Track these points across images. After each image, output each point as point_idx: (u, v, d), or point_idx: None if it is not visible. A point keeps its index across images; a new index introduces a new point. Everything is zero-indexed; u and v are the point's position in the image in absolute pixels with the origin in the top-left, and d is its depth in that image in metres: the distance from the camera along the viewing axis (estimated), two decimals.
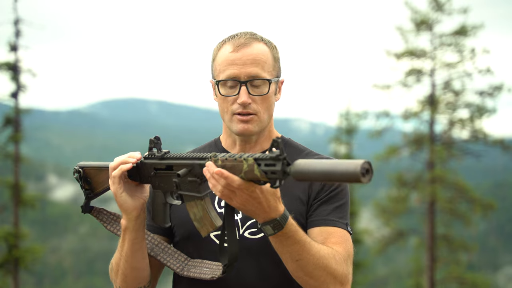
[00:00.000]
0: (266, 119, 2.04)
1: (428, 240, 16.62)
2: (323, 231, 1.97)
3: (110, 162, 2.00)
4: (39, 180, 70.67)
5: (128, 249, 1.97)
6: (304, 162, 1.59)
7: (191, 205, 1.87)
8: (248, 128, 2.02)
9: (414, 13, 17.29)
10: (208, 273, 1.97)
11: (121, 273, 2.02)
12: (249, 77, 1.98)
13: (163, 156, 1.92)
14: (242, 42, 2.01)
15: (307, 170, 1.57)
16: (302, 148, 2.16)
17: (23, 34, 15.42)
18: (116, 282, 2.05)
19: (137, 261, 1.99)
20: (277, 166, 1.62)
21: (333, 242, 1.96)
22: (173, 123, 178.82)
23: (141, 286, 2.05)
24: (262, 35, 2.10)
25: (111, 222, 2.12)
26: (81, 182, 2.10)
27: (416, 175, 17.15)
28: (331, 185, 2.04)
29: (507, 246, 56.52)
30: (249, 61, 1.99)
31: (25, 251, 14.47)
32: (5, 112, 15.18)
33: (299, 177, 1.59)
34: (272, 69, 2.04)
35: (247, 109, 2.00)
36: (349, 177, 1.51)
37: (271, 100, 2.04)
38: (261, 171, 1.65)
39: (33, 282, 42.35)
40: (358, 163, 1.50)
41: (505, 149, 17.00)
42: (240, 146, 2.11)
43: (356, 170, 1.49)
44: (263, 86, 2.00)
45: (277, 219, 1.75)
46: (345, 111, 19.92)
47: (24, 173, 16.56)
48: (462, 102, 17.14)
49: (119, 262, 2.01)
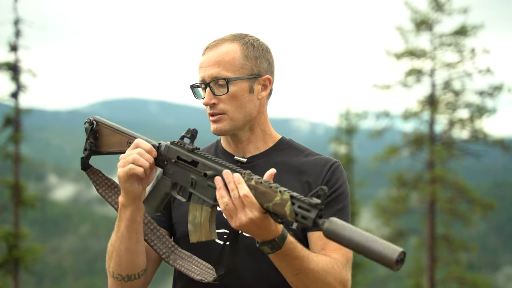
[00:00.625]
0: (241, 117, 2.03)
1: (428, 240, 16.62)
2: (322, 236, 1.95)
3: (125, 129, 2.00)
4: (39, 180, 70.68)
5: (124, 228, 1.93)
6: (342, 224, 1.56)
7: (195, 207, 1.84)
8: (218, 127, 2.03)
9: (414, 13, 17.29)
10: (197, 272, 1.95)
11: (115, 255, 1.97)
12: (211, 78, 2.01)
13: (193, 150, 1.88)
14: (211, 45, 2.06)
15: (342, 234, 1.55)
16: (303, 148, 2.16)
17: (23, 34, 15.44)
18: (110, 267, 1.99)
19: (133, 243, 1.95)
20: (311, 213, 1.60)
21: (332, 248, 1.96)
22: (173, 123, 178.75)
23: (135, 273, 1.99)
24: (253, 36, 2.10)
25: (104, 187, 2.05)
26: (89, 134, 2.04)
27: (416, 175, 17.15)
28: (333, 187, 2.04)
29: (507, 246, 56.52)
30: (212, 62, 2.02)
31: (25, 251, 14.48)
32: (5, 112, 15.18)
33: (330, 236, 1.57)
34: (240, 67, 2.02)
35: (213, 109, 2.02)
36: (383, 260, 1.48)
37: (242, 98, 2.03)
38: (292, 211, 1.63)
39: (33, 282, 42.36)
40: (396, 251, 1.48)
41: (505, 149, 17.00)
42: (233, 145, 2.12)
43: (393, 257, 1.48)
44: (226, 85, 2.01)
45: (275, 240, 1.76)
46: (345, 111, 19.99)
47: (24, 173, 16.56)
48: (462, 102, 17.14)
49: (114, 243, 1.97)
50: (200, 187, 1.83)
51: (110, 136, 2.03)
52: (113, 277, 2.00)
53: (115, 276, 2.00)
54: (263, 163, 2.09)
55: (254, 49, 2.06)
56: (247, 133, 2.09)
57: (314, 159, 2.10)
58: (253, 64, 2.05)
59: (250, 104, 2.05)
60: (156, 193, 1.94)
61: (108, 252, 2.01)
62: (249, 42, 2.06)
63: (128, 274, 1.99)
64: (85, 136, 2.07)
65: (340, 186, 2.05)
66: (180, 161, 1.89)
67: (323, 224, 1.58)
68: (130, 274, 1.99)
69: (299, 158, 2.11)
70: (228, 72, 2.01)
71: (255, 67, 2.05)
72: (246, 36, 2.08)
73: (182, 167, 1.89)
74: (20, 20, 15.38)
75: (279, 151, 2.12)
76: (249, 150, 2.11)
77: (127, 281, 2.00)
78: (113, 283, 2.02)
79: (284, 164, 2.09)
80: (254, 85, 2.05)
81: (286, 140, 2.16)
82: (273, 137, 2.15)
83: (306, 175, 2.06)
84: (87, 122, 2.04)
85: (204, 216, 1.82)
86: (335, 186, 2.04)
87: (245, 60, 2.04)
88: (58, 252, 54.13)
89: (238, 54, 2.03)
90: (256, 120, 2.09)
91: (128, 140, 2.00)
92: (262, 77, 2.07)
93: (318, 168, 2.07)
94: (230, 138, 2.11)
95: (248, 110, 2.05)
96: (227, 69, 2.01)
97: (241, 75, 2.02)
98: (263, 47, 2.09)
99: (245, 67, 2.03)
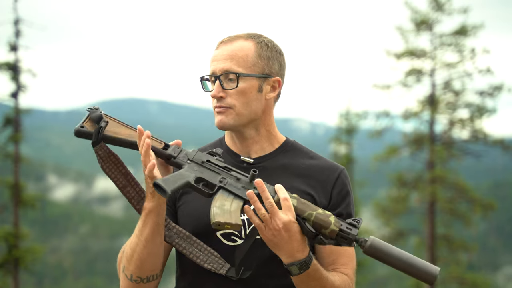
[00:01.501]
0: (246, 114, 2.04)
1: (428, 240, 16.62)
2: (334, 250, 2.03)
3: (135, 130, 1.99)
4: (39, 180, 70.63)
5: (150, 233, 1.93)
6: (384, 244, 1.76)
7: (224, 197, 1.87)
8: (222, 120, 2.04)
9: (414, 13, 17.28)
10: (204, 260, 2.00)
11: (136, 258, 1.96)
12: (222, 72, 2.02)
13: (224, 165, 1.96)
14: (225, 40, 2.06)
15: (385, 252, 1.75)
16: (307, 150, 2.17)
17: (23, 34, 15.42)
18: (129, 271, 1.98)
19: (156, 246, 1.95)
20: (352, 231, 1.80)
21: (342, 263, 2.03)
22: (173, 123, 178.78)
23: (154, 274, 2.00)
24: (265, 36, 2.11)
25: (108, 162, 2.03)
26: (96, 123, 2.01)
27: (416, 175, 17.14)
28: (343, 197, 2.09)
29: (507, 246, 56.50)
30: (224, 56, 2.03)
31: (25, 251, 14.47)
32: (5, 112, 15.17)
33: (372, 254, 1.76)
34: (252, 65, 2.03)
35: (219, 102, 2.03)
36: (425, 276, 1.72)
37: (250, 95, 2.04)
38: (338, 222, 1.81)
39: (33, 282, 42.34)
40: (436, 270, 1.73)
41: (505, 149, 16.99)
42: (238, 143, 2.13)
43: (436, 273, 1.72)
44: (236, 80, 2.02)
45: (303, 259, 1.83)
46: (345, 111, 19.99)
47: (24, 173, 16.56)
48: (462, 102, 17.14)
49: (136, 247, 1.95)
50: (232, 186, 1.88)
51: (117, 128, 2.04)
52: (131, 280, 1.99)
53: (133, 279, 1.99)
54: (270, 164, 2.10)
55: (268, 49, 2.07)
56: (252, 132, 2.09)
57: (320, 163, 2.12)
58: (265, 64, 2.06)
59: (257, 102, 2.05)
60: (178, 177, 1.90)
61: (127, 255, 1.99)
62: (264, 42, 2.08)
63: (147, 276, 1.99)
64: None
65: (350, 199, 2.11)
66: (210, 163, 1.93)
67: (365, 242, 1.77)
68: (150, 275, 2.00)
69: (305, 160, 2.12)
70: (240, 67, 2.02)
71: (267, 67, 2.06)
72: (261, 36, 2.10)
73: (211, 168, 1.93)
74: (20, 20, 15.36)
75: (284, 153, 2.13)
76: (254, 150, 2.11)
77: (146, 282, 2.00)
78: (129, 285, 2.01)
79: (290, 166, 2.10)
80: (264, 85, 2.07)
81: (291, 142, 2.17)
82: (278, 139, 2.15)
83: (314, 180, 2.08)
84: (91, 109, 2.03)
85: (235, 207, 1.85)
86: (346, 199, 2.10)
87: (258, 59, 2.05)
88: (58, 252, 54.10)
89: (252, 51, 2.04)
90: (262, 120, 2.09)
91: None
92: (272, 78, 2.08)
93: (325, 174, 2.09)
94: (235, 135, 2.11)
95: (254, 108, 2.05)
96: (239, 64, 2.02)
97: (252, 73, 2.03)
98: (276, 49, 2.10)
99: (257, 65, 2.04)
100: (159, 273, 2.03)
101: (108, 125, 2.01)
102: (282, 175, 2.08)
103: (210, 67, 2.06)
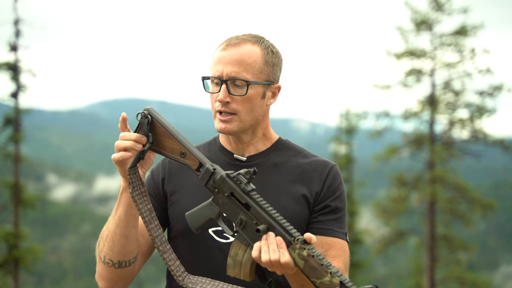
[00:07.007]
0: (249, 120, 2.04)
1: (428, 240, 16.62)
2: (324, 242, 2.02)
3: (179, 135, 1.94)
4: (39, 180, 70.67)
5: (123, 212, 1.95)
6: None
7: (239, 245, 1.85)
8: (227, 127, 2.03)
9: (414, 13, 17.28)
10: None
11: (109, 239, 1.98)
12: (229, 77, 2.00)
13: (249, 192, 1.82)
14: (233, 42, 2.04)
15: None
16: (299, 149, 2.18)
17: (23, 34, 15.42)
18: (102, 252, 2.00)
19: (128, 228, 1.96)
20: None
21: (333, 255, 2.01)
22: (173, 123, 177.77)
23: (126, 260, 1.99)
24: (269, 40, 2.11)
25: (138, 191, 1.93)
26: (147, 128, 1.92)
27: (416, 175, 17.15)
28: (333, 193, 2.08)
29: (507, 246, 56.52)
30: (233, 60, 2.00)
31: (25, 251, 14.46)
32: (5, 112, 15.17)
33: None
34: (259, 72, 2.03)
35: (224, 107, 2.01)
36: None
37: (255, 102, 2.03)
38: None
39: (33, 282, 42.33)
40: None
41: (505, 149, 17.00)
42: (233, 144, 2.13)
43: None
44: (244, 87, 2.01)
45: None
46: (345, 111, 19.94)
47: (24, 173, 16.56)
48: (462, 102, 17.14)
49: (109, 226, 1.98)
50: (248, 230, 1.82)
51: (162, 137, 1.93)
52: (104, 262, 2.01)
53: (105, 261, 2.00)
54: (262, 162, 2.11)
55: (273, 56, 2.08)
56: (250, 136, 2.11)
57: (312, 161, 2.13)
58: (270, 71, 2.06)
59: (259, 109, 2.06)
60: (202, 213, 1.90)
61: (102, 235, 2.01)
62: (269, 48, 2.07)
63: (119, 261, 1.99)
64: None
65: (340, 193, 2.09)
66: (233, 197, 1.84)
67: None
68: (121, 260, 1.99)
69: (297, 159, 2.13)
70: (248, 74, 2.01)
71: (271, 74, 2.07)
72: (264, 39, 2.09)
73: (234, 203, 1.84)
74: (20, 20, 15.36)
75: (277, 151, 2.14)
76: (248, 151, 2.13)
77: (117, 267, 2.00)
78: (103, 268, 2.03)
79: (283, 165, 2.11)
80: (267, 91, 2.07)
81: (284, 140, 2.18)
82: (271, 138, 2.16)
83: (306, 178, 2.08)
84: (141, 114, 1.92)
85: (247, 258, 1.83)
86: (336, 193, 2.08)
87: (265, 65, 2.04)
88: (58, 252, 54.10)
89: (259, 58, 2.03)
90: (260, 124, 2.11)
91: (181, 150, 1.91)
92: (274, 85, 2.09)
93: (317, 172, 2.09)
94: (232, 138, 2.12)
95: (256, 114, 2.06)
96: (247, 71, 2.01)
97: (259, 80, 2.03)
98: (279, 55, 2.11)
99: (263, 72, 2.04)
100: (132, 260, 2.00)
101: (153, 134, 1.94)
102: (274, 173, 2.09)
103: (215, 67, 2.03)
